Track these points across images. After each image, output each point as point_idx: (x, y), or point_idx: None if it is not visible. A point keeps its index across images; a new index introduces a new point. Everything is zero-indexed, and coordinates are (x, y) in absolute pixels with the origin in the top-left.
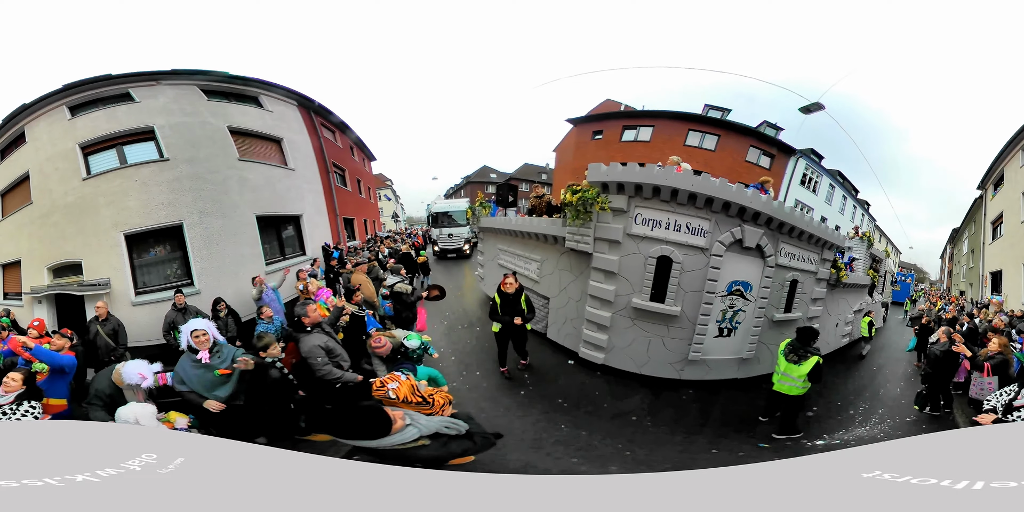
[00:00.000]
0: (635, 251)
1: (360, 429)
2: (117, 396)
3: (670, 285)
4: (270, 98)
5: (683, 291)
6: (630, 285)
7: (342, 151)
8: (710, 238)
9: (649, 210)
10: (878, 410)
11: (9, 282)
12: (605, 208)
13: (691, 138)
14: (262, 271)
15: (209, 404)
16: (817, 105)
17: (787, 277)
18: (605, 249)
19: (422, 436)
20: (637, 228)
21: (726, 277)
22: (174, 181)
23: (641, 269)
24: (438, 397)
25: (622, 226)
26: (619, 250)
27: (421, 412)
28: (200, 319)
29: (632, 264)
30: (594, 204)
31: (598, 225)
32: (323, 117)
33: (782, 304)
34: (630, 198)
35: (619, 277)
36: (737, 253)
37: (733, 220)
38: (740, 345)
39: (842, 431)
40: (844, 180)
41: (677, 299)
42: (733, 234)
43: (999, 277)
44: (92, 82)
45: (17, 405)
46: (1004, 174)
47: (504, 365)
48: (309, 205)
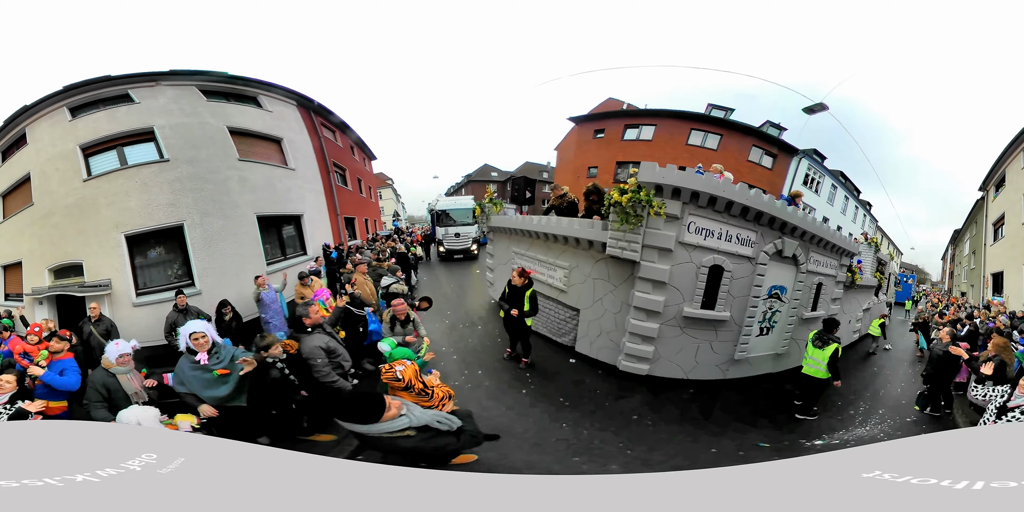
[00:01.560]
0: (687, 260)
1: (354, 412)
2: (113, 386)
3: (720, 292)
4: (269, 98)
5: (732, 297)
6: (680, 294)
7: (342, 150)
8: (756, 248)
9: (703, 219)
10: (878, 410)
11: (10, 283)
12: (660, 213)
13: (693, 137)
14: (263, 271)
15: (203, 409)
16: (820, 105)
17: (814, 281)
18: (654, 258)
19: (410, 427)
20: (690, 237)
21: (768, 282)
22: (175, 181)
23: (693, 278)
24: (439, 390)
25: (674, 234)
26: (670, 259)
27: (420, 403)
28: (199, 321)
29: (683, 273)
30: (647, 208)
31: (647, 231)
32: (323, 117)
33: (809, 304)
34: (684, 205)
35: (669, 287)
36: (777, 261)
37: (775, 232)
38: (776, 341)
39: (842, 431)
40: (846, 180)
41: (726, 305)
42: (775, 245)
43: (1000, 278)
44: (92, 83)
45: (11, 404)
46: (1006, 176)
47: (511, 348)
48: (310, 205)
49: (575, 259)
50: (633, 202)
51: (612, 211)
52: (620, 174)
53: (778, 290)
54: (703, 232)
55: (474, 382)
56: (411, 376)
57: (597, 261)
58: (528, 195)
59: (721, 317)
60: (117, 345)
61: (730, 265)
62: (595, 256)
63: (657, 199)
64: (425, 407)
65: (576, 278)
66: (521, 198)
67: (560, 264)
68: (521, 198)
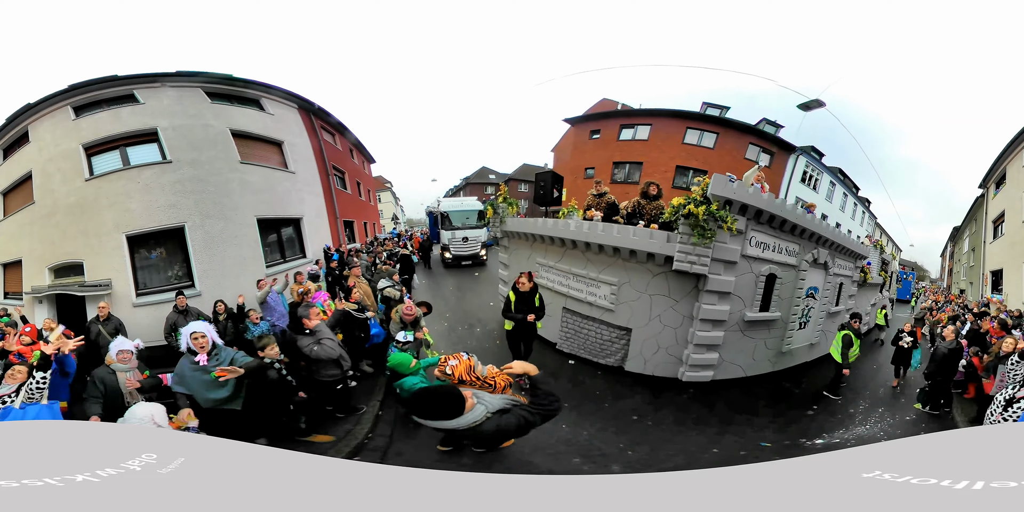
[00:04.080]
0: (748, 271)
1: (436, 410)
2: (111, 384)
3: (773, 296)
4: (271, 101)
5: (780, 299)
6: (742, 302)
7: (342, 153)
8: (799, 258)
9: (761, 234)
10: (878, 409)
11: (10, 282)
12: (732, 229)
13: (689, 136)
14: (263, 273)
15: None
16: (817, 102)
17: (837, 281)
18: (720, 270)
19: (488, 412)
20: (751, 249)
21: (806, 285)
22: (176, 183)
23: (753, 286)
24: (499, 379)
25: (739, 247)
26: (734, 271)
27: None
28: (200, 322)
29: (745, 283)
30: (723, 223)
31: (716, 245)
32: (323, 120)
33: (834, 300)
34: (748, 220)
35: (733, 296)
36: (813, 267)
37: (811, 243)
38: (811, 333)
39: (842, 430)
40: (845, 177)
41: (777, 306)
42: (813, 254)
43: (1000, 276)
44: (98, 83)
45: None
46: (1006, 173)
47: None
48: (309, 208)
49: (626, 274)
50: (708, 216)
51: (684, 223)
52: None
53: (813, 290)
54: (761, 245)
55: None
56: (463, 371)
57: (655, 276)
58: (556, 194)
59: (774, 317)
60: (120, 341)
61: (780, 273)
62: (652, 270)
63: (729, 214)
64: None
65: (627, 295)
66: (548, 198)
67: (606, 280)
68: (548, 198)
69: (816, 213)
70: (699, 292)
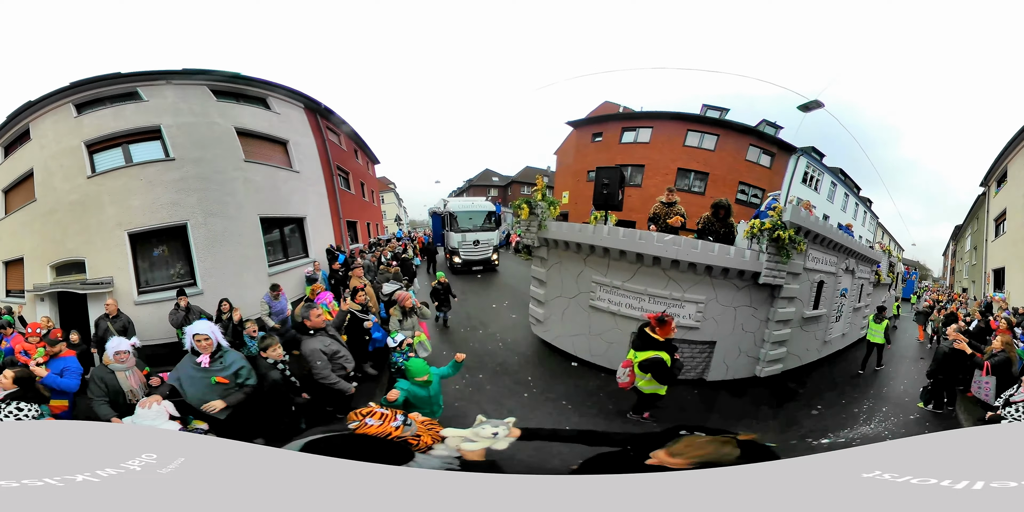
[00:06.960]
0: (807, 280)
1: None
2: (111, 383)
3: (821, 297)
4: (277, 100)
5: (825, 298)
6: (802, 303)
7: (346, 154)
8: (837, 267)
9: (815, 251)
10: (882, 408)
11: (12, 279)
12: (802, 250)
13: (690, 138)
14: (265, 272)
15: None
16: (816, 103)
17: (859, 283)
18: (791, 280)
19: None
20: (809, 263)
21: (841, 287)
22: (179, 181)
23: (809, 291)
24: (425, 438)
25: (802, 262)
26: (799, 280)
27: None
28: (205, 322)
29: (804, 289)
30: (798, 245)
31: (791, 262)
32: (328, 120)
33: (857, 298)
34: (808, 242)
35: (796, 300)
36: (846, 274)
37: (843, 255)
38: (843, 325)
39: (847, 430)
40: (846, 177)
41: (823, 304)
42: (847, 264)
43: (1002, 274)
44: (100, 80)
45: (5, 404)
46: (1008, 171)
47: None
48: (313, 207)
49: (712, 290)
50: (790, 240)
51: (768, 244)
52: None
53: (844, 291)
54: (815, 260)
55: (475, 386)
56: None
57: (740, 289)
58: (620, 196)
59: (821, 313)
60: (117, 342)
61: (827, 280)
62: (738, 285)
63: (800, 238)
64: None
65: (713, 311)
66: (613, 199)
67: (693, 298)
68: (613, 199)
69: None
70: (774, 298)
